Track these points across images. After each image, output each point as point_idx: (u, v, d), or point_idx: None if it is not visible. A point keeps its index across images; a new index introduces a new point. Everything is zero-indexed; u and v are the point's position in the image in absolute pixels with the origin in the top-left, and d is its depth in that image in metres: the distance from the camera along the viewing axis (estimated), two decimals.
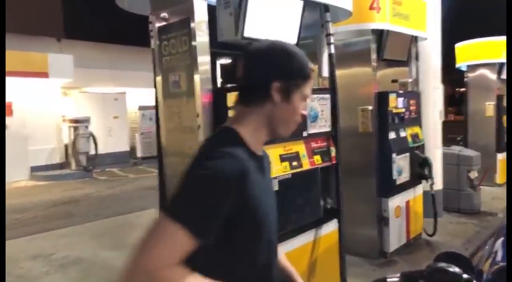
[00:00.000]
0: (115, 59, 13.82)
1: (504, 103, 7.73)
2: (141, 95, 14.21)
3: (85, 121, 11.46)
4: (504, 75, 7.89)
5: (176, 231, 0.99)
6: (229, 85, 2.47)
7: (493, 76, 7.66)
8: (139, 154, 13.51)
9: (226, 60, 3.12)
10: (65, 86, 12.06)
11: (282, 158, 2.72)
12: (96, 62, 13.16)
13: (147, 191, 8.90)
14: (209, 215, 1.02)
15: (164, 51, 2.56)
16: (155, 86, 2.73)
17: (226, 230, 1.07)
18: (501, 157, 7.65)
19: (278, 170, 2.66)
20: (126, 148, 13.37)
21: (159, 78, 2.67)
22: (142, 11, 2.86)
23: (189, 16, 2.36)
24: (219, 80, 3.01)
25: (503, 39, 7.71)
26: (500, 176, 7.59)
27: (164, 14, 2.51)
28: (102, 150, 12.01)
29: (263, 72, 1.14)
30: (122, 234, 5.55)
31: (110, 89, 13.30)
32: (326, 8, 3.11)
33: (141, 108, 13.93)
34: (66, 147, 11.70)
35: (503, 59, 7.63)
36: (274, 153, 2.64)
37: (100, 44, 13.95)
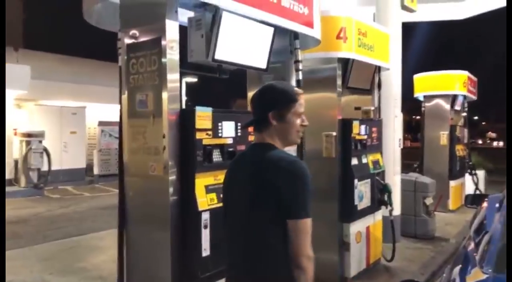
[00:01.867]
0: (76, 73, 13.39)
1: (458, 132, 8.19)
2: (101, 110, 13.81)
3: (39, 135, 10.92)
4: (457, 107, 8.39)
5: (309, 223, 1.51)
6: (197, 106, 2.43)
7: (447, 106, 8.12)
8: (96, 171, 13.00)
9: (192, 79, 3.09)
10: (20, 98, 11.48)
11: None
12: (56, 74, 12.68)
13: (103, 210, 8.52)
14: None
15: (132, 69, 2.49)
16: (120, 104, 2.64)
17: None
18: (454, 184, 8.04)
19: None
20: (82, 164, 12.83)
21: (124, 96, 2.59)
22: (110, 27, 2.79)
23: (161, 35, 2.32)
24: (183, 98, 2.96)
25: (456, 72, 8.26)
26: (453, 202, 7.95)
27: (134, 32, 2.46)
28: (56, 166, 11.45)
29: (261, 108, 1.66)
30: (73, 257, 5.23)
31: (69, 103, 12.82)
32: (296, 35, 3.18)
33: (101, 124, 13.50)
34: (16, 162, 11.05)
35: (456, 91, 8.14)
36: None
37: (61, 56, 13.51)
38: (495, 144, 41.02)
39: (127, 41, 2.55)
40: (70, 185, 11.84)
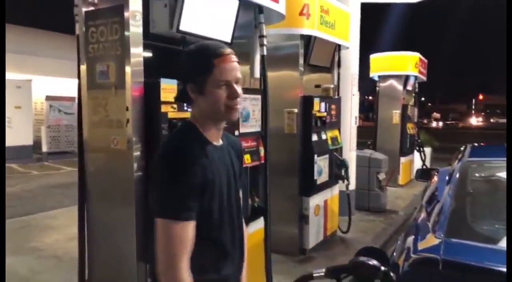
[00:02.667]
0: (21, 43, 12.44)
1: (409, 112, 8.59)
2: (49, 84, 13.02)
3: None
4: (408, 87, 8.77)
5: (170, 225, 1.18)
6: (161, 78, 2.36)
7: (399, 87, 8.47)
8: (45, 148, 12.34)
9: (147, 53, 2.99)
10: None
11: None
12: None
13: (54, 189, 8.18)
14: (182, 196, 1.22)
15: (91, 38, 2.36)
16: (78, 76, 2.50)
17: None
18: (404, 160, 8.50)
19: None
20: (29, 141, 12.13)
21: (83, 67, 2.46)
22: None
23: (123, 3, 2.21)
24: None
25: (409, 54, 8.60)
26: (402, 178, 8.42)
27: None
28: None
29: (181, 79, 1.39)
30: (25, 237, 5.02)
31: (13, 76, 11.95)
32: (260, 9, 3.15)
33: (49, 98, 12.75)
34: None
35: (408, 72, 8.49)
36: None
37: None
38: (434, 124, 43.84)
39: (85, 8, 2.40)
40: (16, 163, 11.19)
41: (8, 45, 12.51)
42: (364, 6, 6.13)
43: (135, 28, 2.25)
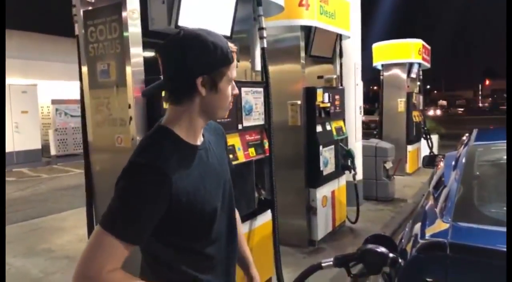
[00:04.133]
0: (26, 48, 12.54)
1: (414, 99, 8.53)
2: (54, 88, 13.11)
3: None
4: (413, 74, 8.70)
5: (111, 241, 1.03)
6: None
7: (403, 75, 8.40)
8: (53, 151, 12.46)
9: (149, 53, 2.99)
10: None
11: None
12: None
13: (63, 191, 8.26)
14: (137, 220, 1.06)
15: (90, 37, 2.37)
16: (80, 77, 2.52)
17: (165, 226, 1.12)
18: (411, 148, 8.45)
19: None
20: (37, 145, 12.23)
21: (85, 68, 2.47)
22: None
23: (120, 1, 2.21)
24: None
25: (412, 41, 8.51)
26: (410, 166, 8.37)
27: None
28: (8, 148, 10.86)
29: (185, 71, 1.11)
30: (36, 239, 5.08)
31: (19, 81, 12.05)
32: (258, 1, 3.13)
33: (55, 102, 12.83)
34: None
35: (412, 59, 8.41)
36: None
37: (8, 30, 12.55)
38: (438, 112, 43.12)
39: (83, 8, 2.41)
40: (26, 167, 11.32)
41: (13, 50, 12.62)
42: None
43: (134, 28, 2.26)
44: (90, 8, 2.38)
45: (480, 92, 74.97)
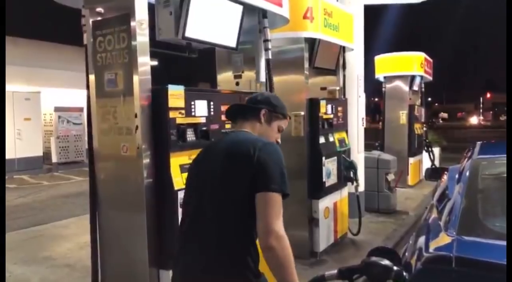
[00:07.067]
0: (30, 56, 12.62)
1: (416, 112, 8.55)
2: (57, 96, 13.18)
3: None
4: (415, 87, 8.74)
5: (280, 200, 1.48)
6: (169, 85, 2.39)
7: (406, 87, 8.44)
8: (54, 159, 12.48)
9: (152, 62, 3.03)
10: None
11: None
12: (7, 57, 11.88)
13: (64, 198, 8.25)
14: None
15: (99, 47, 2.40)
16: (87, 86, 2.54)
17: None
18: (412, 160, 8.44)
19: None
20: (39, 152, 12.25)
21: (92, 77, 2.50)
22: (73, 3, 2.66)
23: (129, 12, 2.25)
24: None
25: (414, 54, 8.58)
26: (411, 178, 8.36)
27: (100, 9, 2.36)
28: (10, 154, 10.89)
29: (258, 102, 1.79)
30: (37, 247, 5.05)
31: (22, 88, 12.11)
32: (264, 14, 3.18)
33: (58, 109, 12.90)
34: None
35: (414, 72, 8.47)
36: None
37: (12, 38, 12.67)
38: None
39: (92, 18, 2.44)
40: (27, 174, 11.32)
41: (17, 58, 12.70)
42: (367, 7, 6.15)
43: (142, 37, 2.29)
44: (99, 18, 2.41)
45: (481, 105, 75.11)
